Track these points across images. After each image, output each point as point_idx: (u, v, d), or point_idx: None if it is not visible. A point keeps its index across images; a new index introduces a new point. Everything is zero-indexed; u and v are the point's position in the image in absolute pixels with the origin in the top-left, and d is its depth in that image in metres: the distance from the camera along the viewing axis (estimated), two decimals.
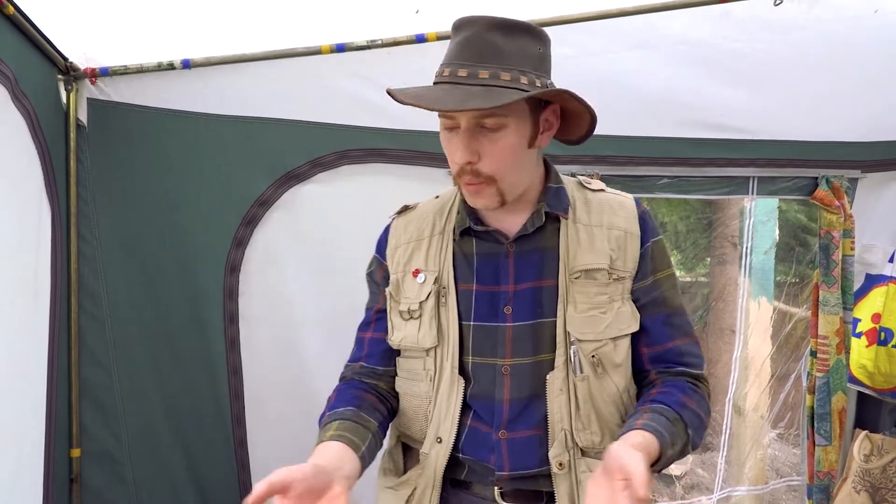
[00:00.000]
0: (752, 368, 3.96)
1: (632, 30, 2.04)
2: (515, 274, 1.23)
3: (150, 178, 2.08)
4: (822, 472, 2.44)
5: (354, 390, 1.33)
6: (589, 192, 1.30)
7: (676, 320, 1.28)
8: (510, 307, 1.22)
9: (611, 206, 1.27)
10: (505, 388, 1.22)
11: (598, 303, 1.21)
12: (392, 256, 1.34)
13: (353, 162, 2.13)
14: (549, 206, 1.23)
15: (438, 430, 1.25)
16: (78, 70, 1.96)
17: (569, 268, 1.21)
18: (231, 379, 2.15)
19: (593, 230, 1.24)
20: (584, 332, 1.19)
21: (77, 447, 2.07)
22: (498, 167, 1.14)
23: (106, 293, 2.08)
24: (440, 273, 1.27)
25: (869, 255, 2.47)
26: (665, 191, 2.34)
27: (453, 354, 1.25)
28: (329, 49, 1.97)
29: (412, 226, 1.34)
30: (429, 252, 1.30)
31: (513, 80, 1.10)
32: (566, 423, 1.19)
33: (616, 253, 1.23)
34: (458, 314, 1.25)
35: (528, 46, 1.14)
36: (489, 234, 1.25)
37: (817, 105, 2.26)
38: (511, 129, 1.13)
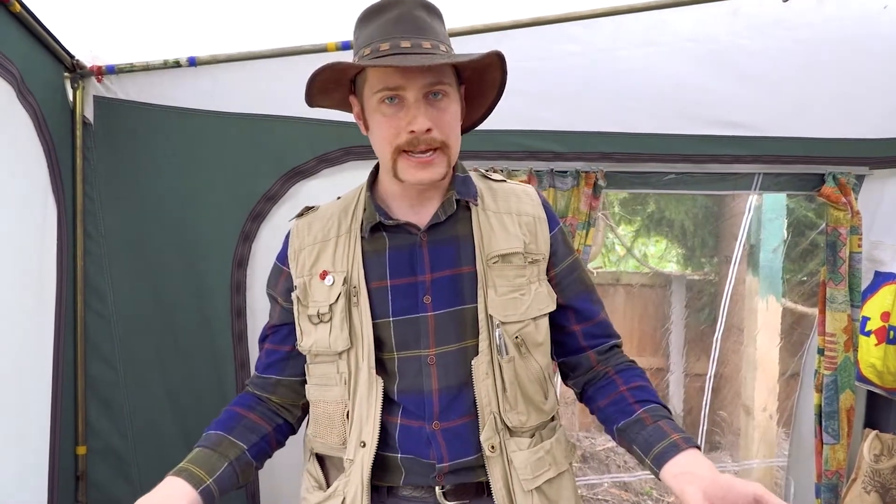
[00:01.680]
0: (760, 368, 3.95)
1: (639, 26, 2.04)
2: (431, 263, 1.23)
3: (155, 176, 2.09)
4: (830, 471, 2.43)
5: (238, 408, 1.35)
6: (492, 182, 1.35)
7: (596, 296, 1.38)
8: (429, 296, 1.22)
9: (516, 195, 1.32)
10: (433, 379, 1.22)
11: (517, 285, 1.24)
12: (296, 259, 1.31)
13: (358, 158, 2.14)
14: (458, 194, 1.25)
15: (361, 433, 1.23)
16: (84, 68, 1.97)
17: (485, 253, 1.24)
18: (238, 372, 2.16)
19: (503, 217, 1.28)
20: (507, 315, 1.22)
21: (83, 444, 2.07)
22: (448, 133, 1.18)
23: (112, 290, 2.09)
24: (349, 273, 1.25)
25: (878, 252, 2.45)
26: (669, 187, 2.34)
27: (369, 355, 1.23)
28: (335, 46, 1.97)
29: (315, 226, 1.32)
30: (336, 253, 1.27)
31: (447, 51, 1.17)
32: (494, 405, 1.22)
33: (528, 237, 1.27)
34: (370, 313, 1.23)
35: (442, 27, 1.22)
36: (400, 228, 1.24)
37: (825, 102, 2.25)
38: (452, 99, 1.19)
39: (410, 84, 1.13)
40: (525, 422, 1.24)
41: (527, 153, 2.17)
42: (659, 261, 6.09)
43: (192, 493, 1.18)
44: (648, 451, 1.16)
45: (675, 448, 1.12)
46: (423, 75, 1.13)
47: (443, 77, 1.15)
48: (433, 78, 1.14)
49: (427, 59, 1.10)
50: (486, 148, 2.14)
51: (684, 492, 1.03)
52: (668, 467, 1.11)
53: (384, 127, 1.17)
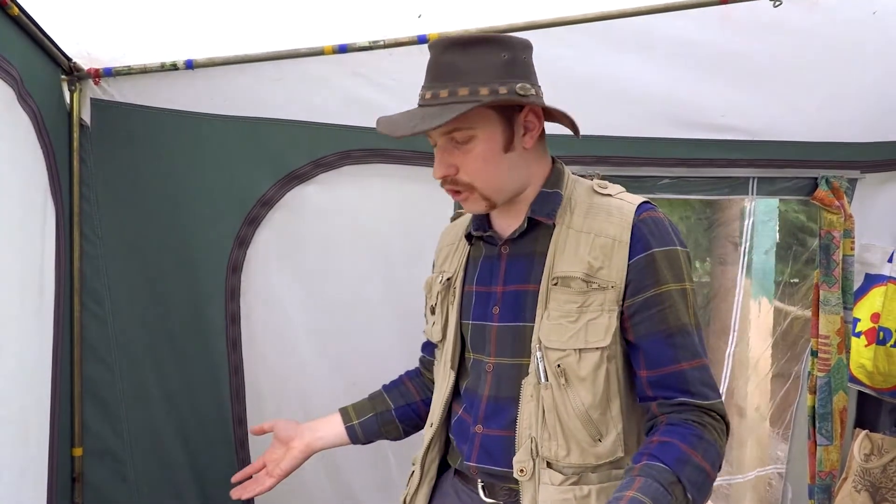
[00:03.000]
0: (752, 368, 3.97)
1: (632, 31, 2.05)
2: (505, 276, 1.28)
3: (152, 178, 2.08)
4: (823, 472, 2.45)
5: (405, 376, 1.65)
6: (598, 196, 1.26)
7: (680, 340, 1.16)
8: (498, 308, 1.27)
9: (608, 212, 1.22)
10: (486, 385, 1.28)
11: (567, 311, 1.18)
12: (437, 258, 1.50)
13: (355, 162, 2.14)
14: (532, 212, 1.25)
15: (432, 415, 1.40)
16: (81, 70, 1.96)
17: (550, 273, 1.21)
18: (232, 379, 2.16)
19: (580, 236, 1.20)
20: (550, 340, 1.19)
21: (79, 446, 2.07)
22: (473, 176, 1.20)
23: (108, 292, 2.09)
24: (454, 275, 1.39)
25: (868, 255, 2.48)
26: (665, 191, 2.34)
27: (449, 349, 1.37)
28: (331, 50, 1.98)
29: (452, 231, 1.49)
30: (454, 256, 1.42)
31: (471, 93, 1.14)
32: (534, 430, 1.20)
33: (599, 261, 1.17)
34: (458, 313, 1.36)
35: (488, 57, 1.16)
36: (489, 238, 1.32)
37: (817, 106, 2.27)
38: (480, 139, 1.18)
39: (432, 133, 1.21)
40: (563, 457, 1.18)
41: None
42: None
43: (340, 427, 1.53)
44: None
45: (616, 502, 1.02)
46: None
47: (459, 123, 1.15)
48: (447, 126, 1.16)
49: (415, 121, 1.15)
50: None
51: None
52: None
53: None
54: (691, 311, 1.19)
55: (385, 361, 1.97)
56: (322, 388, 2.23)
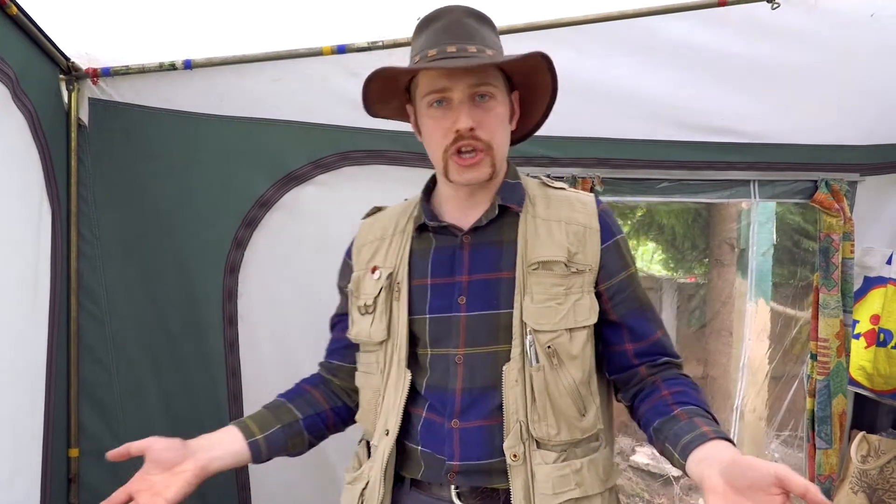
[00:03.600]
0: (749, 370, 3.98)
1: (632, 33, 2.05)
2: (470, 265, 1.26)
3: (150, 178, 2.08)
4: (822, 476, 2.45)
5: (306, 384, 1.49)
6: (550, 189, 1.35)
7: (651, 314, 1.34)
8: (464, 297, 1.25)
9: (570, 203, 1.31)
10: (458, 378, 1.24)
11: (554, 294, 1.23)
12: (357, 255, 1.42)
13: (354, 163, 2.13)
14: (502, 199, 1.27)
15: (386, 422, 1.29)
16: (80, 70, 1.96)
17: (526, 260, 1.24)
18: (230, 381, 2.15)
19: (551, 224, 1.27)
20: (539, 323, 1.21)
21: (75, 447, 2.06)
22: (493, 134, 1.21)
23: (105, 292, 2.08)
24: (395, 269, 1.32)
25: (867, 258, 2.48)
26: (665, 194, 2.34)
27: (401, 348, 1.29)
28: (330, 50, 1.97)
29: (377, 225, 1.42)
30: (388, 250, 1.36)
31: (495, 55, 1.20)
32: (521, 414, 1.21)
33: (575, 247, 1.25)
34: (408, 309, 1.29)
35: (493, 35, 1.26)
36: (444, 229, 1.30)
37: (816, 109, 2.27)
38: (499, 101, 1.22)
39: (455, 86, 1.18)
40: (554, 435, 1.21)
41: (523, 158, 2.18)
42: (649, 263, 6.12)
43: (242, 442, 1.30)
44: (677, 443, 1.13)
45: (702, 437, 1.09)
46: (467, 77, 1.18)
47: (488, 79, 1.19)
48: (477, 79, 1.18)
49: (468, 60, 1.14)
50: None
51: (703, 476, 1.00)
52: (693, 456, 1.08)
53: (433, 129, 1.23)
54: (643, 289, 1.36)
55: None
56: None
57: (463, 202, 1.30)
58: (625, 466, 4.58)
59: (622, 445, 4.93)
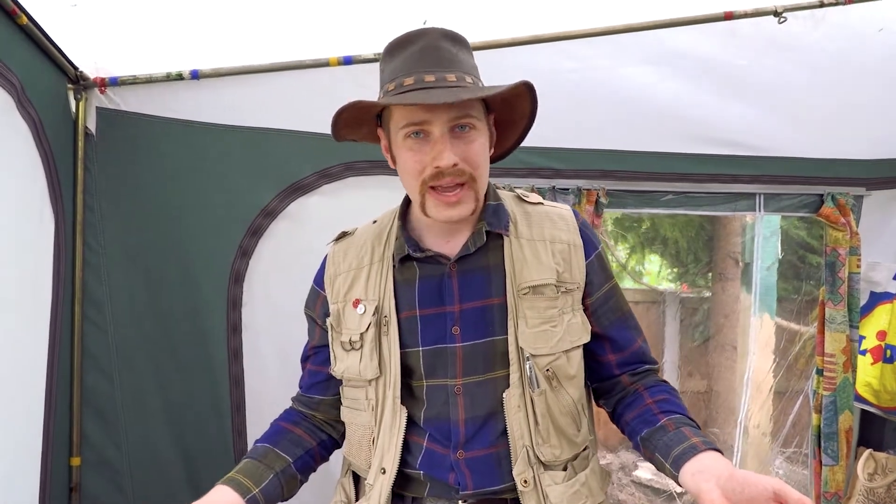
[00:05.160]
0: (753, 385, 3.95)
1: (638, 45, 2.05)
2: (460, 294, 1.22)
3: (156, 187, 2.08)
4: (829, 493, 2.43)
5: (284, 423, 1.40)
6: (528, 205, 1.31)
7: (632, 322, 1.34)
8: (458, 327, 1.21)
9: (551, 220, 1.28)
10: (459, 408, 1.21)
11: (548, 317, 1.21)
12: (332, 285, 1.32)
13: (358, 174, 2.14)
14: (489, 225, 1.23)
15: (382, 460, 1.24)
16: (87, 79, 1.97)
17: (516, 284, 1.21)
18: (233, 390, 2.14)
19: (536, 245, 1.24)
20: (537, 347, 1.19)
21: (77, 456, 2.05)
22: (476, 166, 1.15)
23: (110, 301, 2.08)
24: (380, 302, 1.25)
25: (873, 274, 2.47)
26: (669, 206, 2.34)
27: (395, 384, 1.23)
28: (337, 61, 1.98)
29: (351, 253, 1.33)
30: (368, 281, 1.28)
31: (473, 83, 1.15)
32: (527, 439, 1.19)
33: (562, 266, 1.24)
34: (399, 343, 1.23)
35: (469, 57, 1.20)
36: (430, 259, 1.24)
37: (823, 122, 2.27)
38: (479, 132, 1.17)
39: (436, 119, 1.11)
40: (559, 455, 1.21)
41: (529, 170, 2.18)
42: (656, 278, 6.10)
43: (240, 502, 1.22)
44: (668, 454, 1.13)
45: (693, 450, 1.09)
46: (448, 110, 1.11)
47: (469, 110, 1.13)
48: (459, 112, 1.12)
49: (451, 94, 1.07)
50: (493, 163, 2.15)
51: (700, 490, 1.00)
52: (686, 468, 1.07)
53: (410, 162, 1.15)
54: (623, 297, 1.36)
55: None
56: None
57: (445, 230, 1.24)
58: (627, 482, 4.55)
59: (624, 460, 4.90)
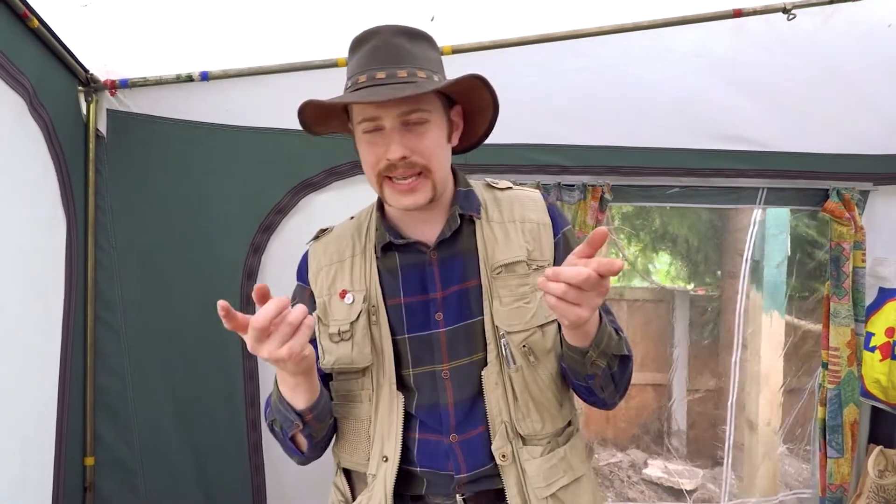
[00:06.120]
0: (764, 382, 3.95)
1: (646, 42, 2.06)
2: (442, 280, 1.25)
3: (166, 188, 2.11)
4: (833, 485, 2.43)
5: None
6: (497, 191, 1.35)
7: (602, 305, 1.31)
8: (441, 313, 1.24)
9: (521, 202, 1.32)
10: (448, 393, 1.24)
11: (521, 294, 1.23)
12: (315, 280, 1.34)
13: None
14: (461, 209, 1.26)
15: (383, 448, 1.25)
16: (98, 82, 1.99)
17: (489, 265, 1.24)
18: (247, 384, 2.17)
19: (507, 226, 1.28)
20: (511, 325, 1.22)
21: (91, 455, 2.08)
22: (429, 157, 1.17)
23: (122, 302, 2.10)
24: (368, 291, 1.27)
25: (881, 269, 2.46)
26: (674, 200, 2.36)
27: (390, 370, 1.25)
28: (345, 62, 1.98)
29: (331, 248, 1.35)
30: (353, 272, 1.30)
31: (427, 77, 1.16)
32: (505, 414, 1.22)
33: (532, 244, 1.27)
34: (390, 329, 1.25)
35: (429, 52, 1.21)
36: (410, 246, 1.27)
37: (829, 118, 2.27)
38: (433, 124, 1.18)
39: (386, 114, 1.15)
40: (540, 430, 1.24)
41: (534, 167, 2.19)
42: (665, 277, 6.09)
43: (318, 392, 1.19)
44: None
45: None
46: (397, 105, 1.14)
47: (419, 104, 1.15)
48: (408, 107, 1.14)
49: (396, 90, 1.10)
50: (495, 161, 2.17)
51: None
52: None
53: (367, 155, 1.19)
54: None
55: None
56: None
57: (417, 218, 1.27)
58: (637, 479, 4.54)
59: (634, 458, 4.89)
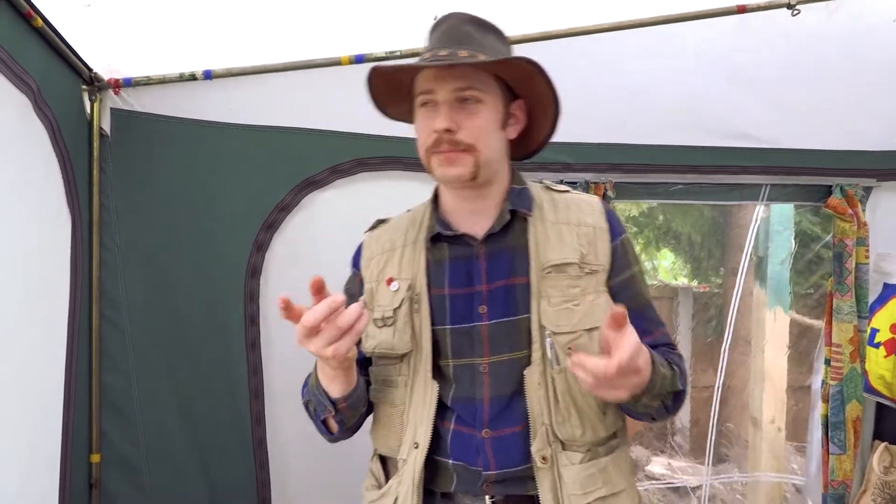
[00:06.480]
0: (768, 379, 3.94)
1: (648, 39, 2.06)
2: (488, 274, 1.26)
3: (171, 187, 2.11)
4: (836, 481, 2.43)
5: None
6: (555, 193, 1.35)
7: (651, 315, 1.32)
8: (485, 306, 1.25)
9: (578, 205, 1.31)
10: (485, 387, 1.24)
11: (571, 295, 1.23)
12: (366, 268, 1.39)
13: (370, 169, 2.16)
14: (512, 205, 1.27)
15: (415, 435, 1.26)
16: (102, 81, 1.99)
17: (539, 264, 1.24)
18: (251, 378, 2.18)
19: (561, 227, 1.27)
20: (559, 325, 1.21)
21: (97, 453, 2.08)
22: (476, 136, 1.19)
23: (126, 300, 2.11)
24: (413, 280, 1.30)
25: (885, 265, 2.46)
26: (677, 197, 2.36)
27: (426, 359, 1.27)
28: (348, 60, 2.00)
29: (384, 237, 1.40)
30: (402, 261, 1.33)
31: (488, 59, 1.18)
32: (546, 416, 1.21)
33: (586, 248, 1.26)
34: (430, 319, 1.28)
35: (496, 42, 1.25)
36: (459, 238, 1.28)
37: (833, 114, 2.27)
38: (487, 105, 1.21)
39: (440, 87, 1.19)
40: (579, 436, 1.22)
41: (537, 164, 2.19)
42: (669, 274, 6.09)
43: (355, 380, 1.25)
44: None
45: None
46: (452, 80, 1.18)
47: (474, 83, 1.19)
48: (462, 83, 1.18)
49: (440, 60, 1.16)
50: None
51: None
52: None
53: (419, 129, 1.24)
54: (646, 288, 1.36)
55: None
56: None
57: (468, 210, 1.29)
58: (641, 476, 4.55)
59: (637, 455, 4.90)
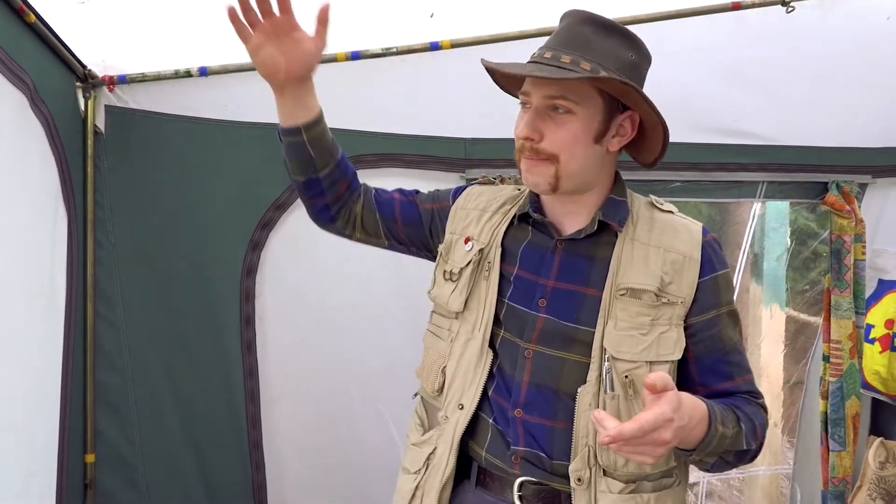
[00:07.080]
0: (765, 376, 3.95)
1: (645, 36, 2.04)
2: (558, 271, 1.23)
3: (166, 184, 2.10)
4: (836, 479, 2.43)
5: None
6: (658, 211, 1.29)
7: (734, 359, 1.24)
8: (545, 301, 1.23)
9: (675, 229, 1.24)
10: (526, 371, 1.22)
11: (638, 323, 1.17)
12: (455, 211, 1.39)
13: (367, 166, 2.15)
14: (603, 215, 1.22)
15: (462, 396, 1.27)
16: (96, 77, 1.98)
17: (616, 282, 1.19)
18: (247, 381, 2.17)
19: (649, 250, 1.21)
20: (620, 351, 1.16)
21: (91, 452, 2.08)
22: (560, 147, 1.16)
23: (121, 298, 2.10)
24: (487, 247, 1.30)
25: (881, 261, 2.47)
26: (676, 195, 2.35)
27: (486, 326, 1.26)
28: (344, 57, 1.99)
29: (483, 197, 1.39)
30: (485, 225, 1.33)
31: (592, 70, 1.12)
32: (591, 439, 1.17)
33: (669, 276, 1.19)
34: (497, 290, 1.27)
35: (619, 49, 1.17)
36: (544, 226, 1.27)
37: (829, 111, 2.27)
38: (578, 117, 1.16)
39: (535, 92, 1.17)
40: (622, 465, 1.17)
41: None
42: None
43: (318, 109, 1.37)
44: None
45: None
46: (547, 86, 1.15)
47: (567, 92, 1.14)
48: (555, 91, 1.14)
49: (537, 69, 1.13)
50: (496, 156, 2.16)
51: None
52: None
53: (515, 127, 1.22)
54: (739, 330, 1.26)
55: (397, 360, 1.99)
56: (336, 387, 2.25)
57: (559, 208, 1.27)
58: None
59: None
